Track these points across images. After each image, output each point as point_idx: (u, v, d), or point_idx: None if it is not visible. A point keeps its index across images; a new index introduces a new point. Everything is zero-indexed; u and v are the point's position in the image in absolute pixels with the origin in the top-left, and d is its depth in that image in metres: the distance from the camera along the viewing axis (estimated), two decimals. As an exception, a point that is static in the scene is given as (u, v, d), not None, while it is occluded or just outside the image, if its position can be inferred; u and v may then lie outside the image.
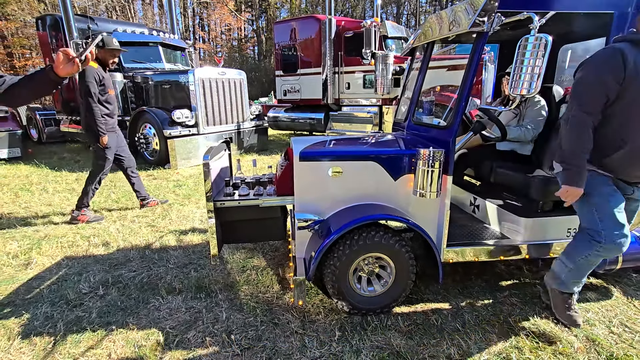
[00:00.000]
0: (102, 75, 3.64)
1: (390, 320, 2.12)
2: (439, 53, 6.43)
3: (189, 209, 4.15)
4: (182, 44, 8.69)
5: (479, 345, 1.91)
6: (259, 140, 8.07)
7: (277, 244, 3.18)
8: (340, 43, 8.30)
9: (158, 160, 6.50)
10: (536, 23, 1.70)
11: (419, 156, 2.01)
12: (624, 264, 2.31)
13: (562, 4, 1.91)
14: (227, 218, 2.35)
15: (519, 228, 2.31)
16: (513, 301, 2.30)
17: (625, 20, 2.01)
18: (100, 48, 3.63)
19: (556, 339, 1.94)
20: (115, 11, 23.84)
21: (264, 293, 2.43)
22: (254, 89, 20.88)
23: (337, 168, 2.14)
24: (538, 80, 1.72)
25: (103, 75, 3.65)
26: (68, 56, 1.50)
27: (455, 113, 2.10)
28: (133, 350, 1.91)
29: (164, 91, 6.96)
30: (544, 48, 1.67)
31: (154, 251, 3.09)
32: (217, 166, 2.52)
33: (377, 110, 8.00)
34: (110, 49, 3.71)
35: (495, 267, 2.74)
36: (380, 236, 2.07)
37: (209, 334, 2.04)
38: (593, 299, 2.33)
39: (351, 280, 2.12)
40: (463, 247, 2.24)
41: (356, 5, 27.89)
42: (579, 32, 2.65)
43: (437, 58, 6.36)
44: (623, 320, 2.11)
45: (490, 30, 1.93)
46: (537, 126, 2.70)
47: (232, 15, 29.46)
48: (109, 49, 3.69)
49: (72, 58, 1.51)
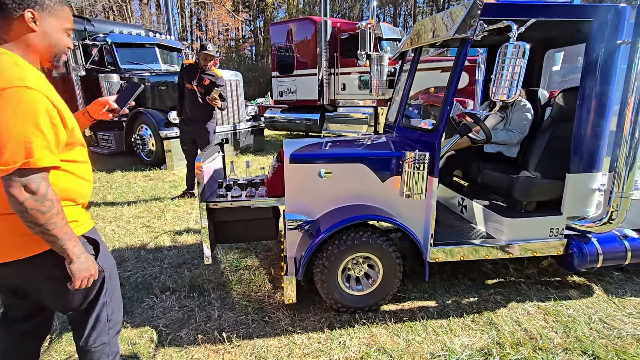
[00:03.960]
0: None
1: (378, 318, 2.19)
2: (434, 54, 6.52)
3: (184, 210, 4.20)
4: (178, 45, 8.73)
5: (462, 341, 1.98)
6: (255, 141, 8.12)
7: (270, 244, 3.24)
8: (336, 44, 8.37)
9: (154, 161, 6.54)
10: (514, 31, 1.77)
11: (405, 158, 2.08)
12: (604, 263, 2.38)
13: (541, 12, 1.98)
14: (220, 219, 2.41)
15: (503, 228, 2.38)
16: (497, 299, 2.37)
17: (604, 27, 2.08)
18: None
19: (536, 335, 2.02)
20: (112, 11, 23.81)
21: (256, 292, 2.49)
22: (251, 90, 20.93)
23: (327, 170, 2.20)
24: (517, 86, 1.79)
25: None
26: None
27: (440, 116, 2.17)
28: (127, 348, 1.97)
29: (161, 92, 7.00)
30: (522, 55, 1.74)
31: (149, 251, 3.15)
32: (211, 168, 2.57)
33: (373, 111, 8.08)
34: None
35: (482, 266, 2.81)
36: (368, 236, 2.14)
37: (202, 331, 2.09)
38: (575, 296, 2.40)
39: (340, 279, 2.19)
40: (450, 247, 2.31)
41: (353, 6, 27.98)
42: (562, 38, 2.73)
43: (431, 60, 6.44)
44: (602, 317, 2.19)
45: (474, 37, 2.00)
46: (523, 129, 2.77)
47: (229, 15, 29.48)
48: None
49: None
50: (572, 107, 2.26)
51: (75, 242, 1.16)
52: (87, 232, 1.30)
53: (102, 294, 1.34)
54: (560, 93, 2.59)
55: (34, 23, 1.11)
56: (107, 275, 1.35)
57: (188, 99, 4.21)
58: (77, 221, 1.26)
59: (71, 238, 1.15)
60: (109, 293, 1.37)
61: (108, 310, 1.37)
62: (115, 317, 1.41)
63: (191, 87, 4.15)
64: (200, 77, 4.13)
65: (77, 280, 1.19)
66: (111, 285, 1.38)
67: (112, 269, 1.40)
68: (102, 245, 1.34)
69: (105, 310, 1.36)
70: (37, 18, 1.11)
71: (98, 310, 1.35)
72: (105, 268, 1.33)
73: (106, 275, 1.34)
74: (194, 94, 4.16)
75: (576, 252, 2.32)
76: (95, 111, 1.49)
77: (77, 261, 1.16)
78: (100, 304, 1.35)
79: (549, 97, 2.88)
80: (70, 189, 1.22)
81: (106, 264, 1.34)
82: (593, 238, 2.34)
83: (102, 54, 7.31)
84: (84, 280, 1.21)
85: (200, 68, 4.14)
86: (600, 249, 2.30)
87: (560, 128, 2.48)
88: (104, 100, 1.49)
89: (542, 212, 2.39)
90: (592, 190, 2.31)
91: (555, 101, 2.63)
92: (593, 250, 2.30)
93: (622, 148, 2.10)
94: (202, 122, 4.27)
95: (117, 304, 1.43)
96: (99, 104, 1.49)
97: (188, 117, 4.29)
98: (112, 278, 1.39)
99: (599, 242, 2.32)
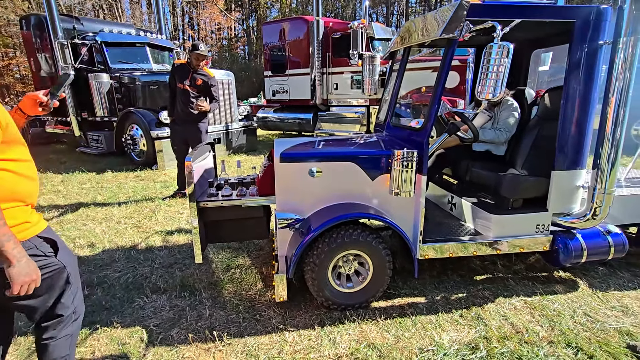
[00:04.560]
0: None
1: (368, 315, 2.21)
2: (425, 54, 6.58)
3: (175, 210, 4.19)
4: (169, 44, 8.67)
5: (450, 336, 2.02)
6: (248, 141, 8.10)
7: (262, 243, 3.25)
8: (328, 44, 8.38)
9: (145, 161, 6.49)
10: (499, 32, 1.81)
11: (393, 157, 2.11)
12: (589, 258, 2.44)
13: (525, 13, 2.02)
14: (211, 218, 2.41)
15: (491, 225, 2.42)
16: (485, 294, 2.42)
17: (586, 28, 2.13)
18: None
19: (523, 329, 2.06)
20: (102, 10, 23.50)
21: (247, 291, 2.50)
22: (244, 89, 20.81)
23: (318, 169, 2.22)
24: (502, 85, 1.83)
25: None
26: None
27: (428, 115, 2.20)
28: (117, 348, 1.97)
29: (152, 92, 6.94)
30: (507, 55, 1.77)
31: (140, 251, 3.13)
32: (201, 167, 2.57)
33: (365, 111, 8.12)
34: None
35: (470, 262, 2.85)
36: (358, 234, 2.16)
37: (192, 330, 2.10)
38: (560, 291, 2.46)
39: (331, 277, 2.21)
40: (439, 244, 2.34)
41: (346, 5, 28.03)
42: (547, 39, 2.79)
43: (423, 60, 6.50)
44: (587, 310, 2.24)
45: (460, 37, 2.03)
46: (510, 128, 2.82)
47: (222, 14, 29.30)
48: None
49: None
50: (557, 106, 2.31)
51: (15, 244, 1.12)
52: (42, 231, 1.30)
53: (68, 288, 1.38)
54: (545, 93, 2.65)
55: None
56: (70, 270, 1.38)
57: (180, 99, 4.19)
58: (29, 222, 1.25)
59: (10, 239, 1.10)
60: (75, 286, 1.43)
61: (75, 302, 1.44)
62: (79, 310, 1.47)
63: (184, 87, 4.13)
64: (192, 76, 4.12)
65: (16, 286, 1.13)
66: (75, 280, 1.43)
67: (74, 264, 1.45)
68: (60, 243, 1.36)
69: (72, 303, 1.42)
70: None
71: (67, 304, 1.39)
72: (67, 264, 1.36)
73: (69, 270, 1.37)
74: (186, 94, 4.15)
75: (561, 248, 2.37)
76: (27, 107, 1.47)
77: (18, 265, 1.12)
78: (69, 297, 1.39)
79: (535, 97, 2.93)
80: (16, 189, 1.21)
81: (67, 260, 1.37)
82: (577, 234, 2.39)
83: (91, 54, 7.23)
84: (24, 285, 1.14)
85: (193, 68, 4.12)
86: (584, 244, 2.36)
87: (546, 127, 2.53)
88: (34, 95, 1.46)
89: (528, 209, 2.44)
90: (576, 187, 2.36)
91: (541, 100, 2.68)
92: (577, 245, 2.35)
93: (605, 146, 2.15)
94: (195, 122, 4.26)
95: (80, 298, 1.48)
96: (30, 99, 1.46)
97: (180, 117, 4.27)
98: (74, 273, 1.44)
99: (583, 238, 2.38)
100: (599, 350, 1.89)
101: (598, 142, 2.19)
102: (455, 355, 1.87)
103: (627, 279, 2.58)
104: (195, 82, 4.12)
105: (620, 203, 2.60)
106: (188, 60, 4.16)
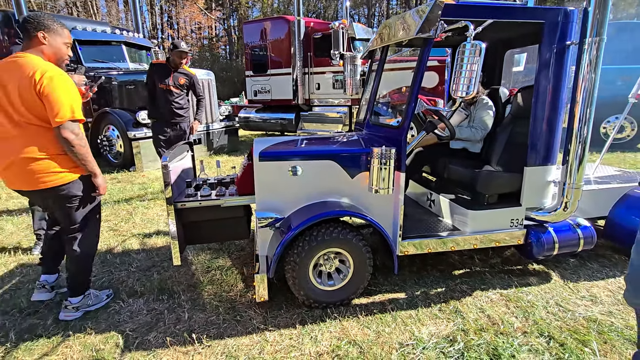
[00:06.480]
0: None
1: (349, 312, 2.22)
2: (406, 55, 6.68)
3: (154, 212, 4.08)
4: (147, 43, 8.46)
5: (429, 330, 2.05)
6: (230, 141, 8.00)
7: (243, 243, 3.21)
8: (310, 44, 8.39)
9: (122, 163, 6.30)
10: (471, 31, 1.86)
11: (372, 155, 2.13)
12: (560, 250, 2.53)
13: (496, 14, 2.09)
14: (189, 219, 2.36)
15: (467, 220, 2.48)
16: (463, 288, 2.47)
17: (555, 29, 2.22)
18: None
19: (498, 321, 2.12)
20: (75, 7, 22.70)
21: (228, 292, 2.46)
22: (225, 89, 20.56)
23: (297, 167, 2.21)
24: (475, 83, 1.88)
25: None
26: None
27: (405, 114, 2.23)
28: (91, 354, 1.90)
29: (129, 92, 6.74)
30: (479, 54, 1.82)
31: (116, 255, 3.04)
32: (179, 168, 2.52)
33: (347, 110, 8.17)
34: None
35: (449, 257, 2.91)
36: (338, 232, 2.17)
37: (170, 334, 2.05)
38: (534, 283, 2.54)
39: (311, 275, 2.20)
40: (418, 240, 2.38)
41: (328, 6, 28.13)
42: (519, 39, 2.88)
43: (405, 60, 6.59)
44: (558, 300, 2.33)
45: (435, 36, 2.07)
46: (485, 126, 2.90)
47: (202, 13, 28.85)
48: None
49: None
50: (529, 104, 2.39)
51: (95, 165, 2.00)
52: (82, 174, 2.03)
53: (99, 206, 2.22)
54: (518, 92, 2.74)
55: (44, 39, 1.89)
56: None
57: (162, 99, 4.02)
58: (77, 167, 1.98)
59: (94, 162, 1.98)
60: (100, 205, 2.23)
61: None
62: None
63: (166, 87, 3.99)
64: (174, 75, 4.01)
65: (102, 189, 2.06)
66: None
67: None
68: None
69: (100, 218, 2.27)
70: (46, 36, 1.90)
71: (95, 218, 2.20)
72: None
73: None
74: (170, 94, 4.01)
75: (535, 241, 2.45)
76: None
77: (100, 176, 2.03)
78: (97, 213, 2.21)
79: (509, 95, 3.02)
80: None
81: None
82: (550, 227, 2.48)
83: (64, 52, 6.96)
84: (105, 189, 2.08)
85: (173, 67, 4.01)
86: (556, 237, 2.45)
87: (519, 124, 2.61)
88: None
89: (503, 204, 2.51)
90: (547, 182, 2.45)
91: (514, 99, 2.77)
92: (550, 238, 2.44)
93: (573, 143, 2.24)
94: (179, 122, 4.14)
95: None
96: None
97: (163, 117, 4.10)
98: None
99: (555, 231, 2.47)
100: (570, 338, 1.97)
101: (567, 140, 2.29)
102: (434, 349, 1.90)
103: (596, 270, 2.70)
104: (178, 82, 4.02)
105: (589, 197, 2.72)
106: (168, 59, 4.05)
